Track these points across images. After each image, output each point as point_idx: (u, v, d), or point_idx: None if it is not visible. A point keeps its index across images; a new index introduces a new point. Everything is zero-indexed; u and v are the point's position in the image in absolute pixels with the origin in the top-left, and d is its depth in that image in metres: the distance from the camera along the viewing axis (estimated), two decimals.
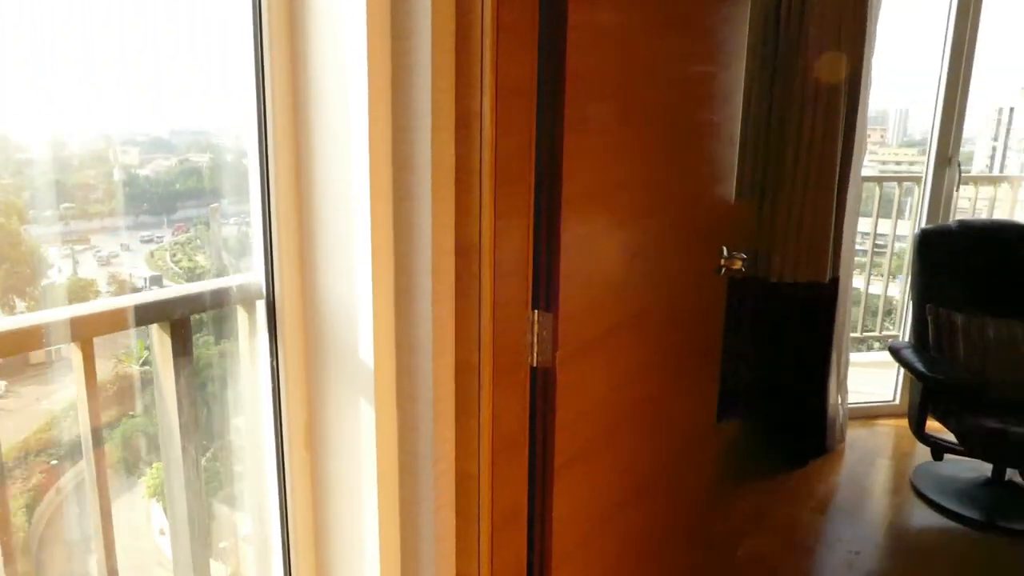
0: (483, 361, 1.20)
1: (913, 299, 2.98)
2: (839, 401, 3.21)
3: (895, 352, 2.85)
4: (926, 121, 3.48)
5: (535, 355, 1.30)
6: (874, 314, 4.78)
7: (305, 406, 1.28)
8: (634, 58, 1.42)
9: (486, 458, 1.24)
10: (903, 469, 3.04)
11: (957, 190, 3.39)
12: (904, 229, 4.24)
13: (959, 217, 3.36)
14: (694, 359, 1.97)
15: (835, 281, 3.04)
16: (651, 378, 1.70)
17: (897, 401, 3.60)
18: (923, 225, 3.40)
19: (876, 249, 4.07)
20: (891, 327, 4.64)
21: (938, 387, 2.60)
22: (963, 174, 3.38)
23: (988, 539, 2.56)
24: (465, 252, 1.17)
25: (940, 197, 3.38)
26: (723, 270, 1.91)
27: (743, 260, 1.88)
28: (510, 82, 1.14)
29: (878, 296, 4.67)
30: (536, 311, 1.28)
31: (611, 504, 1.60)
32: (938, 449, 2.73)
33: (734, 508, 2.72)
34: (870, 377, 4.00)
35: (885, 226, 4.56)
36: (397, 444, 1.23)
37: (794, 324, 3.05)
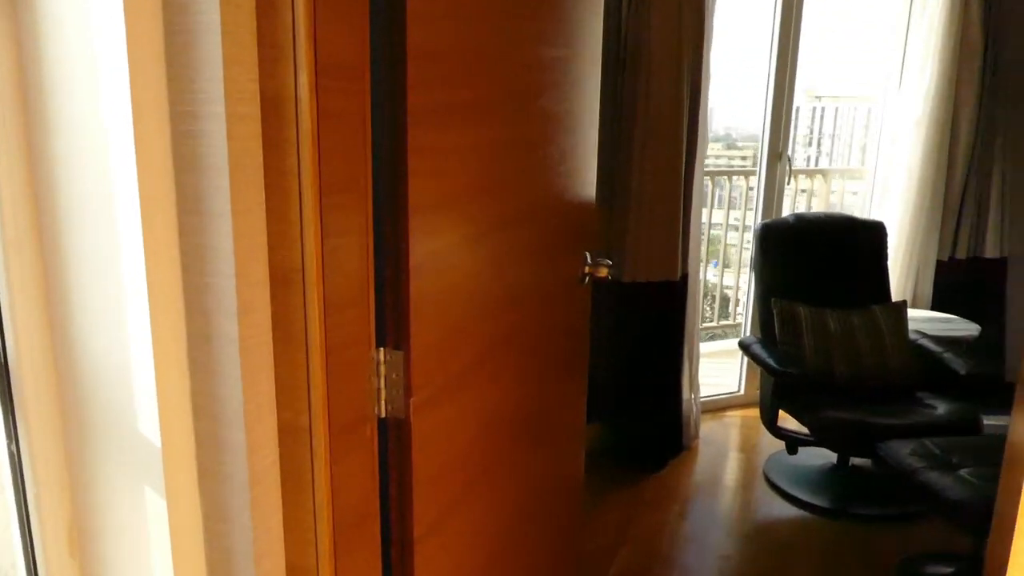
0: (315, 421, 0.92)
1: (757, 293, 3.01)
2: (692, 398, 3.19)
3: (745, 348, 2.85)
4: (728, 118, 3.55)
5: (384, 404, 1.03)
6: (712, 302, 4.92)
7: (67, 500, 0.93)
8: (488, 37, 1.19)
9: (325, 545, 0.96)
10: (755, 462, 3.07)
11: (788, 183, 3.50)
12: (735, 219, 4.38)
13: (788, 209, 3.46)
14: (566, 378, 1.78)
15: (685, 277, 3.00)
16: (525, 406, 1.49)
17: (742, 392, 3.67)
18: (759, 218, 3.48)
19: (715, 242, 4.14)
20: (729, 319, 4.79)
21: (789, 382, 2.61)
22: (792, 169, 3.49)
23: (841, 526, 2.60)
24: (284, 281, 0.89)
25: (773, 190, 3.46)
26: (588, 278, 1.74)
27: (608, 267, 1.71)
28: (335, 56, 0.87)
29: (715, 285, 4.81)
30: (382, 349, 1.02)
31: (484, 559, 1.37)
32: (792, 443, 2.76)
33: (602, 522, 2.59)
34: (715, 367, 4.07)
35: (718, 216, 4.69)
36: (203, 540, 0.92)
37: (647, 324, 2.98)
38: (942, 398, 2.64)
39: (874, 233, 3.02)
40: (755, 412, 3.54)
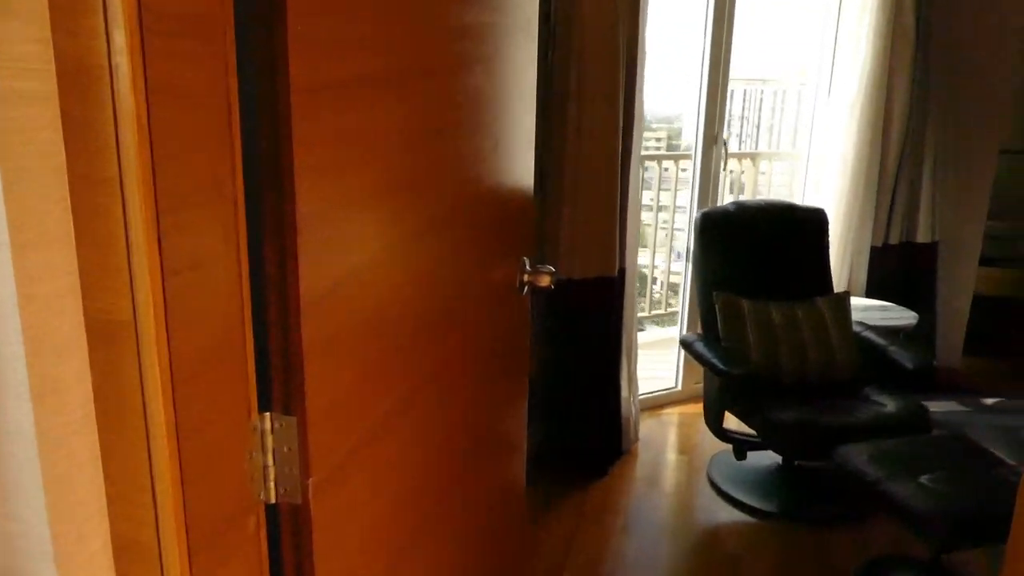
0: (165, 533, 0.65)
1: (698, 286, 2.85)
2: (631, 399, 3.01)
3: (687, 346, 2.68)
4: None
5: (273, 487, 0.76)
6: (660, 288, 4.78)
7: None
8: None
9: None
10: (698, 464, 2.92)
11: (725, 169, 3.35)
12: (666, 200, 4.23)
13: (722, 195, 3.31)
14: (506, 400, 1.54)
15: (622, 272, 2.81)
16: (461, 446, 1.23)
17: (679, 387, 3.52)
18: (697, 203, 3.32)
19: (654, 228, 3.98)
20: (660, 308, 4.66)
21: (736, 382, 2.45)
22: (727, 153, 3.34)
23: (792, 530, 2.48)
24: (107, 339, 0.60)
25: (709, 174, 3.31)
26: (526, 288, 1.49)
27: (551, 274, 1.47)
28: (174, 3, 0.59)
29: (653, 271, 4.66)
30: (268, 416, 0.75)
31: None
32: (739, 447, 2.61)
33: (545, 543, 2.38)
34: (651, 359, 3.92)
35: (646, 199, 4.53)
36: None
37: (583, 322, 2.77)
38: (888, 393, 2.54)
39: (815, 221, 2.90)
40: (694, 408, 3.41)
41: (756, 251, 2.84)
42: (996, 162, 3.58)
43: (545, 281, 1.46)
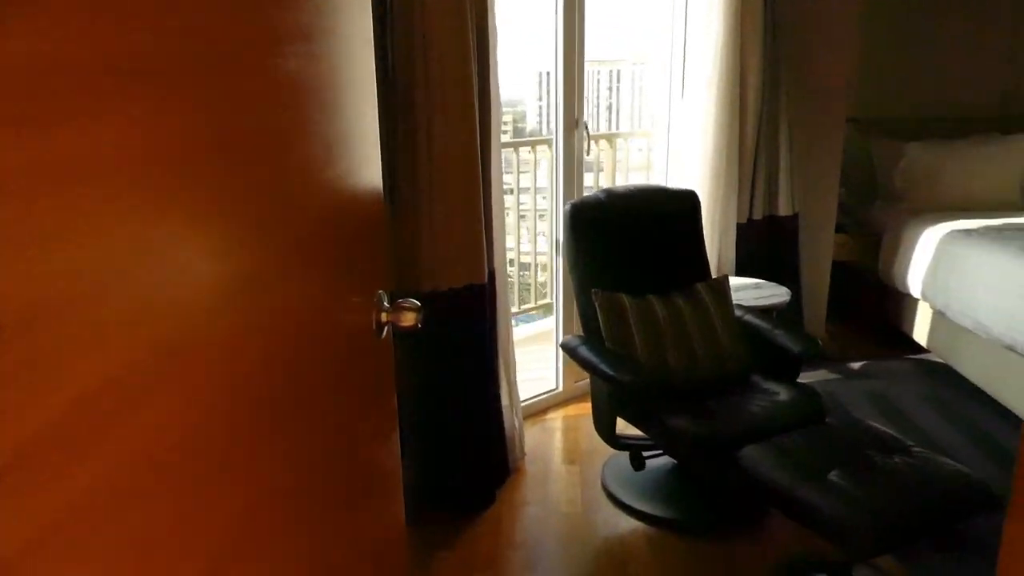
0: None
1: (575, 283, 2.62)
2: (513, 411, 2.76)
3: (571, 351, 2.45)
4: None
5: None
6: (527, 288, 4.54)
7: None
8: None
9: None
10: (591, 474, 2.71)
11: (588, 154, 3.15)
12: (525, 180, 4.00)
13: (588, 179, 3.12)
14: (368, 464, 1.20)
15: (492, 274, 2.53)
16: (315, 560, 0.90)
17: (561, 388, 3.32)
18: (562, 192, 3.10)
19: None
20: (529, 302, 4.44)
21: (627, 389, 2.24)
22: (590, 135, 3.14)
23: (697, 539, 2.32)
24: None
25: (572, 160, 3.10)
26: (386, 329, 1.17)
27: (416, 310, 1.16)
28: None
29: (519, 260, 4.42)
30: None
31: None
32: (636, 455, 2.42)
33: None
34: (527, 357, 3.70)
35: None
36: None
37: (456, 337, 2.46)
38: (776, 381, 2.43)
39: (687, 204, 2.75)
40: (578, 410, 3.21)
41: (632, 241, 2.66)
42: (844, 130, 3.63)
43: (410, 320, 1.15)
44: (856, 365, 3.62)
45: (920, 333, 3.61)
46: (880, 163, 4.23)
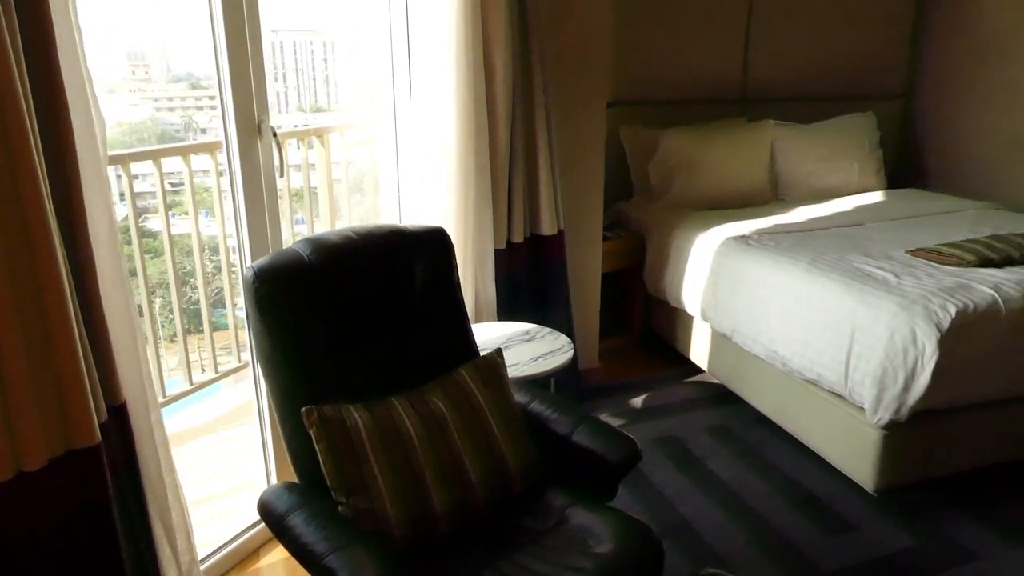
0: None
1: (276, 398, 1.65)
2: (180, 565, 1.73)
3: (276, 525, 1.49)
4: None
5: None
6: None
7: None
8: None
9: None
10: None
11: (282, 175, 2.13)
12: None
13: (299, 227, 2.12)
14: None
15: (122, 412, 1.46)
16: None
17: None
18: (248, 233, 2.07)
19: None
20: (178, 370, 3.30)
21: None
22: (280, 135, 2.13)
23: None
24: None
25: (258, 179, 2.07)
26: None
27: None
28: None
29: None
30: None
31: None
32: None
33: None
34: (220, 448, 2.64)
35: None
36: None
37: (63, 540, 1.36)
38: (588, 505, 1.69)
39: (437, 249, 1.89)
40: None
41: (358, 318, 1.74)
42: (605, 125, 3.02)
43: None
44: (638, 401, 3.10)
45: (700, 356, 3.17)
46: (633, 154, 3.76)
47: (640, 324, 3.65)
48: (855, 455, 2.32)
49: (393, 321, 1.80)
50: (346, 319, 1.72)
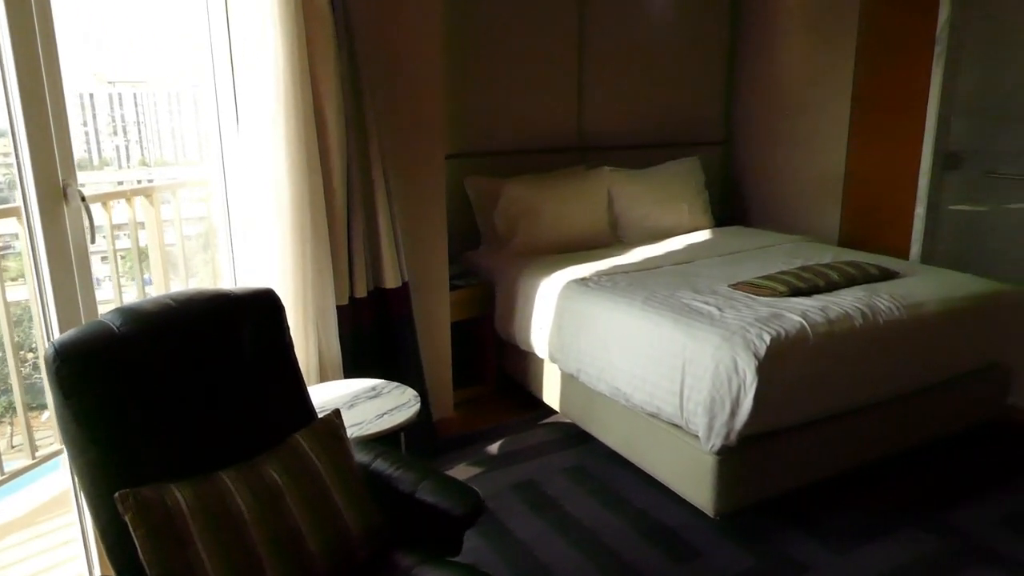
0: None
1: (86, 486, 1.51)
2: None
3: None
4: None
5: None
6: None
7: None
8: None
9: None
10: None
11: (93, 241, 2.00)
12: None
13: (111, 299, 1.99)
14: None
15: None
16: None
17: None
18: (54, 309, 1.91)
19: None
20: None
21: None
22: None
23: None
24: None
25: (66, 247, 1.92)
26: None
27: None
28: None
29: None
30: None
31: None
32: None
33: None
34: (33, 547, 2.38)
35: None
36: None
37: None
38: (435, 564, 1.66)
39: (265, 313, 1.82)
40: None
41: (179, 390, 1.64)
42: (445, 173, 3.06)
43: None
44: (494, 447, 3.10)
45: (552, 397, 3.24)
46: (478, 203, 3.84)
47: (495, 371, 3.68)
48: (695, 482, 2.43)
49: (220, 390, 1.71)
50: (166, 392, 1.62)
